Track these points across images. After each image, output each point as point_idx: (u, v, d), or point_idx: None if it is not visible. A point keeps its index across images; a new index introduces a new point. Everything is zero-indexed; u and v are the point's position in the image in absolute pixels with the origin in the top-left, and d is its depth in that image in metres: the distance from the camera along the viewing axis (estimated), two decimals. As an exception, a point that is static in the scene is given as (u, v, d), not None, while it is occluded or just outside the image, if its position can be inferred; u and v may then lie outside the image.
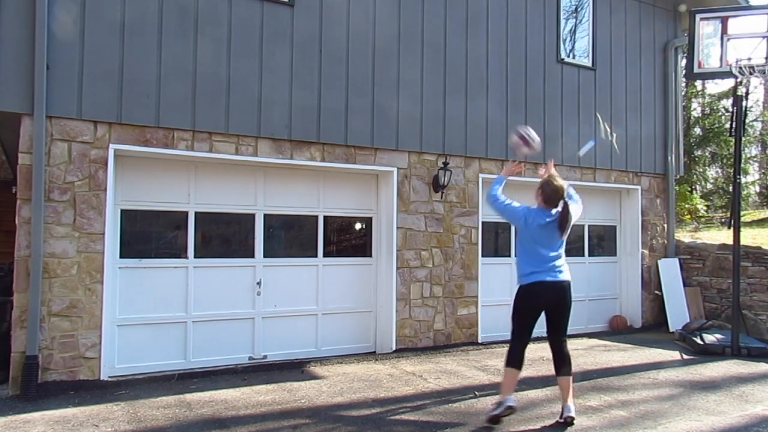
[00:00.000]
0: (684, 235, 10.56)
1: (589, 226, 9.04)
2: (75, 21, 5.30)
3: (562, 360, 4.35)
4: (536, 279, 4.26)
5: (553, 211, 4.35)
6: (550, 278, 4.27)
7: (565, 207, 4.30)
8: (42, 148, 5.10)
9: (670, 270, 9.10)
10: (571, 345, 7.50)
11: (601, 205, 9.18)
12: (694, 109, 17.06)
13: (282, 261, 6.58)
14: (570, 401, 4.30)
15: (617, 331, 8.78)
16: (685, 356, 6.93)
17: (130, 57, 5.52)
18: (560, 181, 4.39)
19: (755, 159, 18.01)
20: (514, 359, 4.29)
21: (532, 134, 4.78)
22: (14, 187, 5.83)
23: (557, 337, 4.40)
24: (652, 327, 8.98)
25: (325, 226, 6.87)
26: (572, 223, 4.34)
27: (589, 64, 8.67)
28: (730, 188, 11.15)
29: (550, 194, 4.34)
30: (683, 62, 10.58)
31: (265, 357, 6.35)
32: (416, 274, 7.09)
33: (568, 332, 8.55)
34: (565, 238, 4.40)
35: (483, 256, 7.66)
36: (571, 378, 4.35)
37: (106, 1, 5.43)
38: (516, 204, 4.54)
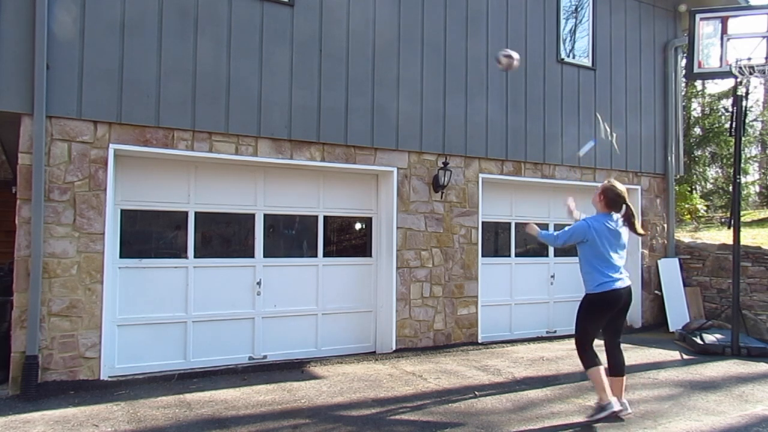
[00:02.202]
0: (684, 235, 10.56)
1: (589, 226, 9.03)
2: (75, 21, 5.30)
3: (619, 360, 4.44)
4: (610, 287, 4.31)
5: (615, 216, 4.42)
6: (621, 284, 4.35)
7: (629, 209, 4.41)
8: (42, 148, 5.10)
9: (670, 270, 9.10)
10: (571, 345, 7.50)
11: (601, 205, 9.17)
12: (694, 109, 17.07)
13: (282, 261, 6.58)
14: (624, 398, 4.44)
15: (617, 331, 8.77)
16: (685, 356, 6.93)
17: (130, 57, 5.52)
18: (621, 186, 4.45)
19: (755, 159, 18.01)
20: (592, 359, 4.32)
21: (509, 52, 5.48)
22: (14, 187, 5.83)
23: (615, 340, 4.49)
24: (652, 327, 8.98)
25: (325, 226, 6.88)
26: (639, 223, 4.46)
27: (589, 64, 8.67)
28: (730, 188, 11.15)
29: (614, 198, 4.40)
30: (683, 62, 10.58)
31: (265, 357, 6.35)
32: (416, 274, 7.09)
33: (570, 333, 8.59)
34: (625, 241, 4.48)
35: (483, 256, 7.66)
36: (622, 379, 4.45)
37: (106, 1, 5.43)
38: (569, 228, 4.54)
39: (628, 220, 4.40)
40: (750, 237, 9.77)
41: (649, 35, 9.36)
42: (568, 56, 8.49)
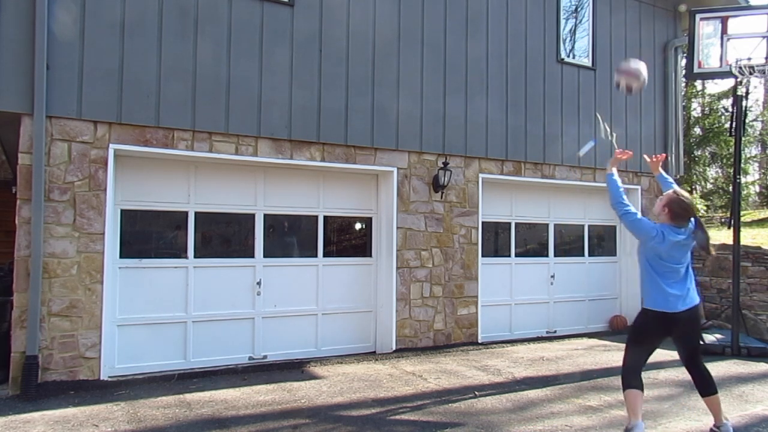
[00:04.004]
0: (684, 235, 10.54)
1: (589, 226, 9.05)
2: (75, 21, 5.30)
3: (702, 376, 3.92)
4: (667, 309, 3.81)
5: (683, 229, 3.89)
6: (683, 307, 3.82)
7: (700, 225, 3.92)
8: (42, 148, 5.10)
9: (670, 270, 9.08)
10: (571, 345, 7.56)
11: (601, 205, 9.17)
12: (694, 109, 17.08)
13: (282, 261, 6.58)
14: (725, 417, 3.96)
15: (617, 331, 8.78)
16: (685, 356, 6.92)
17: (130, 57, 5.52)
18: (689, 197, 3.96)
19: (755, 159, 18.04)
20: (630, 379, 3.83)
21: (637, 66, 4.66)
22: (14, 187, 5.83)
23: (695, 360, 3.96)
24: (652, 327, 8.97)
25: (325, 226, 6.88)
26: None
27: (589, 64, 8.67)
28: (730, 188, 11.16)
29: (679, 212, 3.88)
30: (683, 62, 10.58)
31: (265, 357, 6.35)
32: (416, 274, 7.09)
33: (570, 333, 8.60)
34: (689, 257, 3.97)
35: (483, 256, 7.66)
36: (715, 397, 3.89)
37: (106, 1, 5.43)
38: (641, 217, 4.07)
39: (701, 243, 3.88)
40: (750, 237, 9.78)
41: (649, 35, 9.36)
42: (568, 56, 8.50)
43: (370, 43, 6.82)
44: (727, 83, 15.24)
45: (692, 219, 3.93)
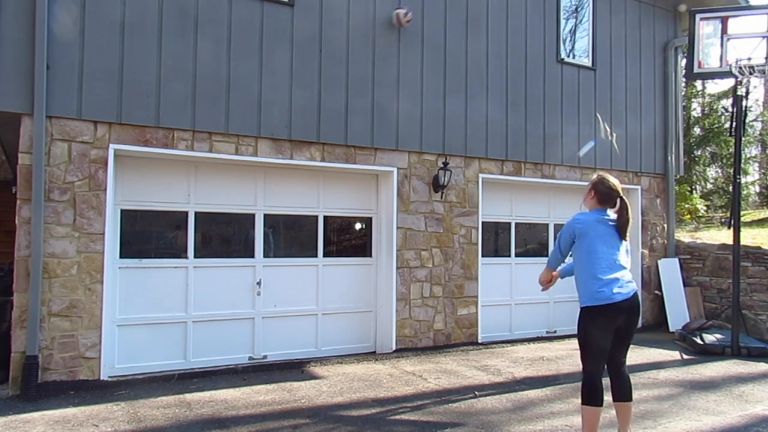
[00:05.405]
0: (684, 235, 10.56)
1: (589, 226, 9.03)
2: (75, 21, 5.30)
3: (625, 381, 3.74)
4: (609, 299, 3.60)
5: (610, 212, 3.82)
6: (623, 294, 3.65)
7: (623, 205, 3.79)
8: (42, 148, 5.10)
9: (670, 270, 9.10)
10: (571, 345, 7.55)
11: (601, 205, 9.17)
12: (694, 109, 17.07)
13: (282, 261, 6.58)
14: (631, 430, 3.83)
15: (617, 331, 8.78)
16: (685, 356, 6.93)
17: (130, 57, 5.52)
18: (613, 179, 3.88)
19: (755, 159, 18.04)
20: (595, 394, 3.59)
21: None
22: (14, 187, 5.83)
23: (623, 361, 3.78)
24: (652, 327, 8.98)
25: (325, 226, 6.88)
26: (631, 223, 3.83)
27: (589, 64, 8.67)
28: (730, 188, 11.15)
29: (605, 191, 3.80)
30: (683, 62, 10.59)
31: (265, 357, 6.35)
32: (416, 274, 7.09)
33: (570, 333, 8.59)
34: (624, 242, 3.83)
35: (483, 256, 7.66)
36: (630, 404, 3.76)
37: (106, 1, 5.43)
38: (562, 243, 3.92)
39: (619, 223, 3.77)
40: (750, 237, 9.77)
41: (649, 35, 9.36)
42: (568, 56, 8.49)
43: (370, 43, 6.81)
44: (727, 83, 15.24)
45: (618, 199, 3.81)
